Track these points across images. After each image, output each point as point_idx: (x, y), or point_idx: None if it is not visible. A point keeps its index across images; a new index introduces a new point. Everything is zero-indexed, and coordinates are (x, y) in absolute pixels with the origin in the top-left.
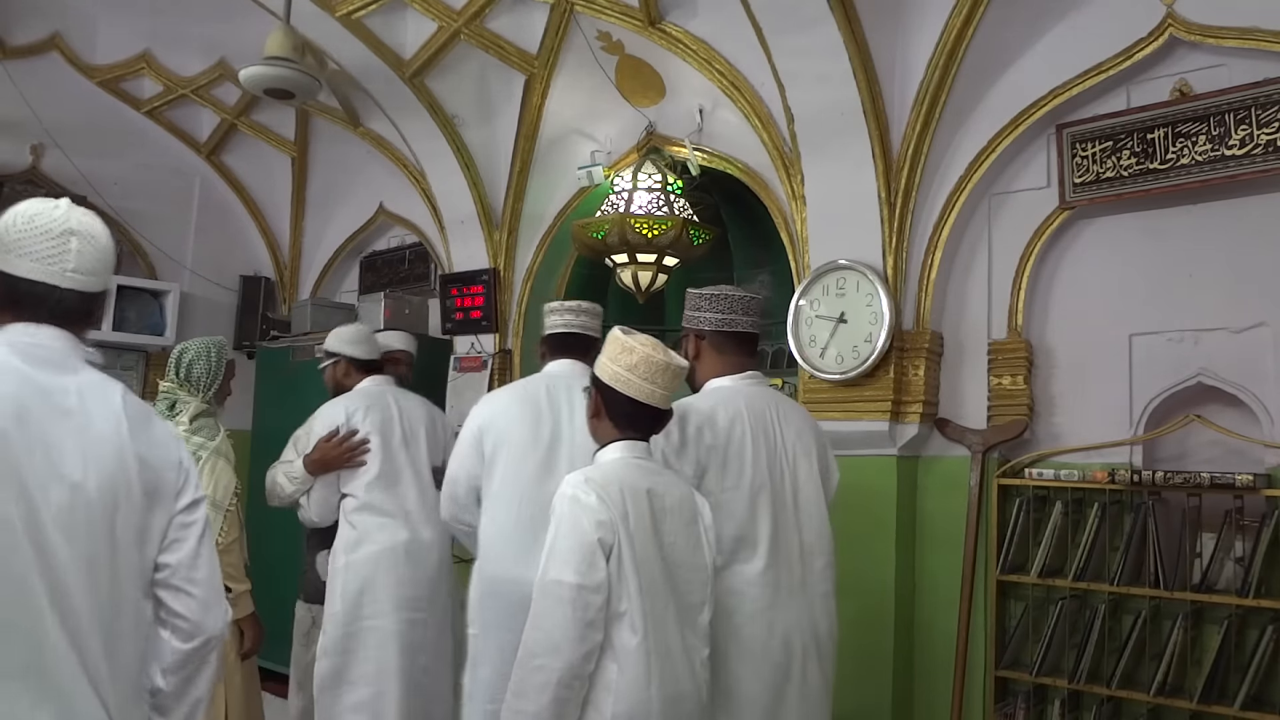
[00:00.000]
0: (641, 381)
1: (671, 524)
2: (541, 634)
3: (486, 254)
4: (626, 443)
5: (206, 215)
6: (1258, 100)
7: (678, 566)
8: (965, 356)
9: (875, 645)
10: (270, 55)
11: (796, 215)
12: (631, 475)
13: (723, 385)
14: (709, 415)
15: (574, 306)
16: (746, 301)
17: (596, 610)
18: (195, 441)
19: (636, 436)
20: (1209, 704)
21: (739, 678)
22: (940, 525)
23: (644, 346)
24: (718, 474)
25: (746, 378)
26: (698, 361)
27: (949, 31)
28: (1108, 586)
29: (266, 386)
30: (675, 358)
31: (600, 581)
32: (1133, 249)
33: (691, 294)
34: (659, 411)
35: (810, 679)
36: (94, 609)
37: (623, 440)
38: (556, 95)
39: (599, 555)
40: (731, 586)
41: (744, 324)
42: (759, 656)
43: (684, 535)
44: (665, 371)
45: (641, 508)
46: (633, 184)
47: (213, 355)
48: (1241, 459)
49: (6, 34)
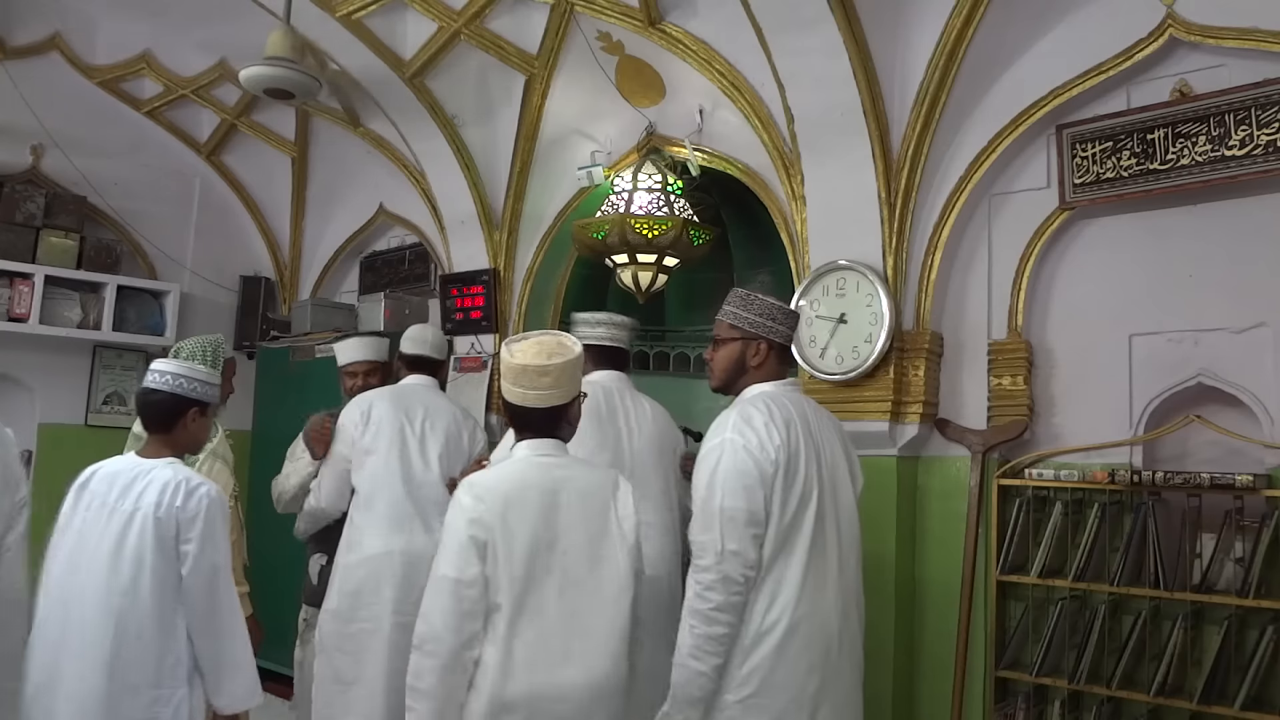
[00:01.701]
0: (513, 387)
1: (568, 516)
2: (426, 624)
3: (486, 254)
4: (529, 442)
5: (206, 215)
6: (1258, 100)
7: (577, 558)
8: (965, 357)
9: (875, 645)
10: (270, 55)
11: (796, 215)
12: (529, 473)
13: (767, 391)
14: (768, 415)
15: (621, 321)
16: (798, 318)
17: (473, 602)
18: None
19: (537, 435)
20: (1209, 704)
21: (774, 668)
22: (940, 525)
23: (517, 357)
24: (783, 469)
25: (788, 383)
26: (756, 369)
27: (949, 31)
28: (1108, 587)
29: (266, 387)
30: (552, 359)
31: (475, 576)
32: (1133, 249)
33: (761, 301)
34: (549, 410)
35: (843, 671)
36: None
37: (526, 440)
38: (556, 95)
39: (472, 551)
40: (772, 581)
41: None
42: (795, 649)
43: (586, 526)
44: (541, 375)
45: (528, 503)
46: (633, 184)
47: (209, 354)
48: (1241, 459)
49: (6, 34)
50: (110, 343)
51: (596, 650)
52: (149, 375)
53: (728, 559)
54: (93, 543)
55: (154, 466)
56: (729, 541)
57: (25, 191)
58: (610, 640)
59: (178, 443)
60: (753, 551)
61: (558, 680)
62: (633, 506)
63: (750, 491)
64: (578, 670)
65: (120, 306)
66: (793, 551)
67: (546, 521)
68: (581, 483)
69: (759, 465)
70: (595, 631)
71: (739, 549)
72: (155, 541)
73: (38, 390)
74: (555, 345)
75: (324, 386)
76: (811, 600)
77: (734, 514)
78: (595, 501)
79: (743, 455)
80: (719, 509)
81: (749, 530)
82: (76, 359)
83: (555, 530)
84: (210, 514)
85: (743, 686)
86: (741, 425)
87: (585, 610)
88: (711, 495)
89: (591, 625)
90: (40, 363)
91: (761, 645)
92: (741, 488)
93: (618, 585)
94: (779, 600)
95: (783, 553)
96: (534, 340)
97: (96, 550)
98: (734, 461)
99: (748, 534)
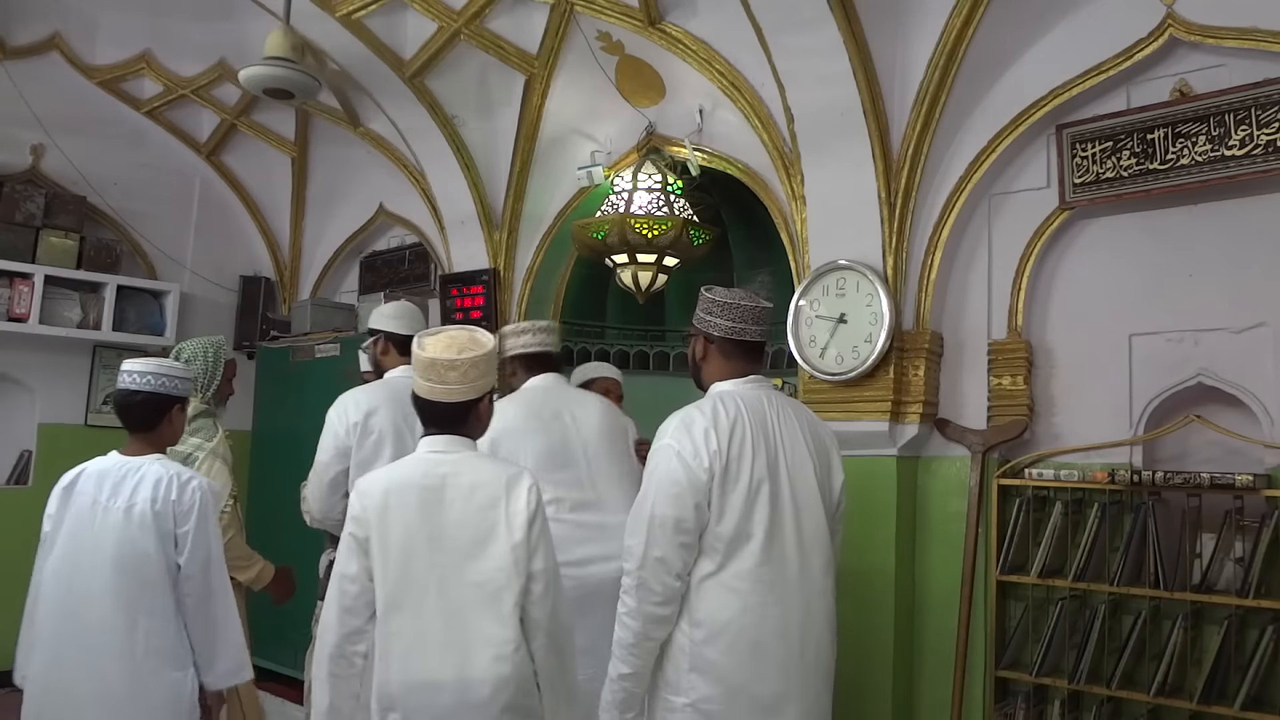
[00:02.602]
0: (421, 380)
1: (452, 513)
2: (323, 616)
3: (486, 254)
4: (427, 438)
5: (206, 215)
6: (1258, 100)
7: (458, 554)
8: (965, 357)
9: (875, 645)
10: (270, 55)
11: (796, 215)
12: (415, 470)
13: (724, 389)
14: (712, 419)
15: (546, 326)
16: (758, 311)
17: (353, 597)
18: (192, 442)
19: (441, 431)
20: (1209, 704)
21: (726, 671)
22: (940, 525)
23: (427, 350)
24: (720, 475)
25: (747, 381)
26: (703, 363)
27: (949, 32)
28: (1108, 587)
29: (266, 387)
30: (462, 353)
31: (355, 572)
32: (1133, 249)
33: (705, 297)
34: (455, 405)
35: (808, 673)
36: None
37: (427, 436)
38: (556, 95)
39: (354, 548)
40: (726, 582)
41: (754, 333)
42: (751, 651)
43: (470, 522)
44: (448, 369)
45: (407, 500)
46: (633, 184)
47: (210, 355)
48: (1241, 459)
49: (6, 34)
50: (110, 343)
51: (474, 646)
52: (124, 377)
53: (649, 566)
54: (90, 541)
55: (143, 464)
56: (654, 548)
57: (25, 191)
58: (489, 640)
59: (162, 439)
60: (678, 559)
61: (433, 675)
62: (527, 502)
63: (680, 499)
64: (452, 665)
65: (120, 306)
66: (743, 554)
67: (427, 518)
68: (469, 478)
69: (691, 473)
70: (474, 628)
71: (663, 555)
72: (156, 534)
73: (38, 390)
74: (467, 340)
75: (324, 386)
76: (765, 602)
77: (663, 521)
78: (482, 496)
79: (675, 463)
80: (649, 515)
81: (677, 538)
82: (76, 359)
83: (438, 526)
84: (204, 505)
85: (692, 690)
86: (680, 432)
87: (466, 606)
88: (644, 501)
89: (471, 621)
90: (40, 363)
91: (710, 647)
92: (673, 495)
93: (498, 583)
94: (730, 603)
95: (734, 556)
96: (446, 334)
97: (97, 548)
98: (667, 469)
99: (675, 541)
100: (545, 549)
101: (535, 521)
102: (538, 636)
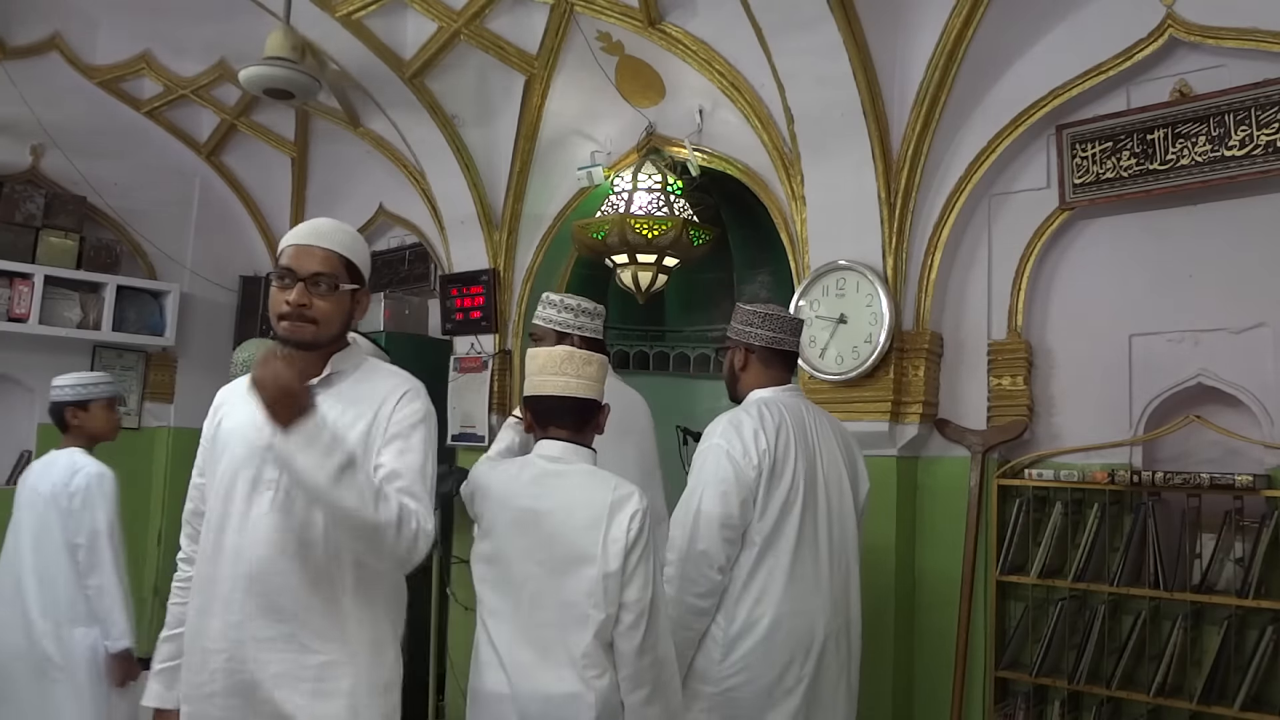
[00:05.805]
0: (533, 377)
1: (550, 528)
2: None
3: (486, 254)
4: (542, 442)
5: (206, 215)
6: (1258, 101)
7: (554, 570)
8: (965, 357)
9: (875, 646)
10: (270, 55)
11: (796, 216)
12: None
13: (764, 396)
14: (759, 420)
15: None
16: (795, 323)
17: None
18: None
19: (557, 428)
20: (1209, 704)
21: (757, 664)
22: (940, 525)
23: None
24: (767, 474)
25: (786, 389)
26: (743, 373)
27: (949, 31)
28: (1107, 587)
29: None
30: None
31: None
32: (1133, 249)
33: (743, 309)
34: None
35: (835, 670)
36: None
37: (542, 439)
38: (556, 95)
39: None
40: (762, 579)
41: (791, 343)
42: (778, 645)
43: (567, 540)
44: (565, 361)
45: (509, 510)
46: (633, 184)
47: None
48: (1241, 459)
49: (6, 34)
50: (110, 343)
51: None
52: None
53: (693, 558)
54: (25, 517)
55: (59, 456)
56: (698, 542)
57: (25, 191)
58: (571, 663)
59: (83, 433)
60: (721, 554)
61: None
62: (628, 529)
63: (727, 497)
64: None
65: (120, 306)
66: (778, 552)
67: (525, 531)
68: (573, 495)
69: (740, 471)
70: (559, 648)
71: (707, 549)
72: (56, 512)
73: (38, 390)
74: (582, 354)
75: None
76: (796, 599)
77: (709, 517)
78: (583, 517)
79: (725, 461)
80: (696, 510)
81: (722, 533)
82: (76, 359)
83: (535, 541)
84: (89, 489)
85: (725, 680)
86: (729, 432)
87: (554, 624)
88: (691, 497)
89: (557, 640)
90: (40, 363)
91: (744, 640)
92: (720, 493)
93: (583, 608)
94: (764, 598)
95: (769, 553)
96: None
97: (27, 523)
98: (716, 467)
99: (720, 536)
100: (643, 580)
101: (634, 550)
102: (624, 668)
